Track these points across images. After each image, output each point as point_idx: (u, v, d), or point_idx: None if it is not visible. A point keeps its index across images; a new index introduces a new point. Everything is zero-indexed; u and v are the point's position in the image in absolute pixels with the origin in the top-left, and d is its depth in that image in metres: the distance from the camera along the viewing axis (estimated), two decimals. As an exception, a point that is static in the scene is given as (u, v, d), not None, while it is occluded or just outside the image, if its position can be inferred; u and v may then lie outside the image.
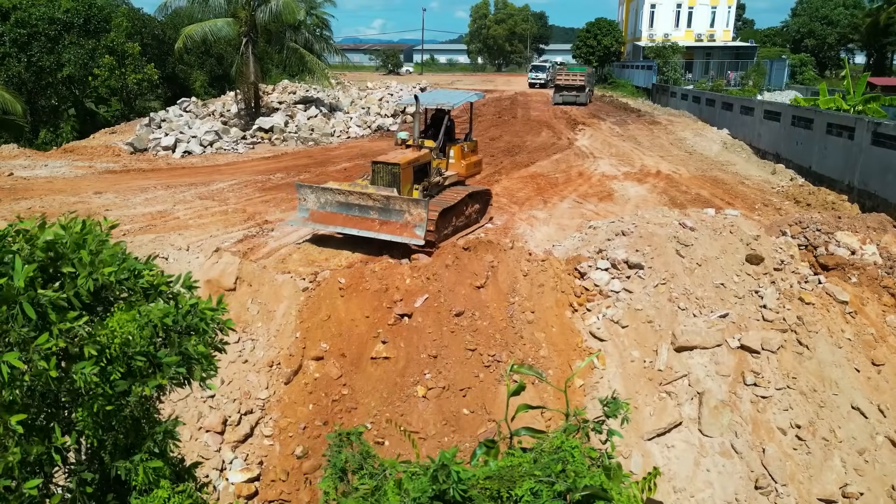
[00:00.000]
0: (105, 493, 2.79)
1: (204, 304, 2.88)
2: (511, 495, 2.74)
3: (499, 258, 9.71)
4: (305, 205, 11.32)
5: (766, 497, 7.16)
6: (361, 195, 10.90)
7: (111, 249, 2.53)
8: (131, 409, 2.54)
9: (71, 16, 28.96)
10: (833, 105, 23.35)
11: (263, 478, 7.25)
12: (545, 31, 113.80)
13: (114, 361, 2.45)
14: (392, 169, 11.22)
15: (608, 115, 35.40)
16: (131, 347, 2.45)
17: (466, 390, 8.12)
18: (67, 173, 18.14)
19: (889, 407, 7.94)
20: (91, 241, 2.45)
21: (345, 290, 9.33)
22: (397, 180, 11.19)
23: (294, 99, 31.27)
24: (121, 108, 31.03)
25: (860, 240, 10.20)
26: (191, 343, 2.69)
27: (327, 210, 11.17)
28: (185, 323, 2.72)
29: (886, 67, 56.05)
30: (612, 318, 8.92)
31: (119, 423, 2.57)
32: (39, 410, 2.55)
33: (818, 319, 8.63)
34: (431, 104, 12.85)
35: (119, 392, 2.45)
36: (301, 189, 11.42)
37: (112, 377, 2.43)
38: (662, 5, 56.50)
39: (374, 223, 10.79)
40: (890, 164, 15.29)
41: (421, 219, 10.41)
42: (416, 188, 11.54)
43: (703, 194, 16.71)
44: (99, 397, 2.41)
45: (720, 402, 7.86)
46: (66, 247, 2.48)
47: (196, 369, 2.72)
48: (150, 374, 2.56)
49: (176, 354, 2.62)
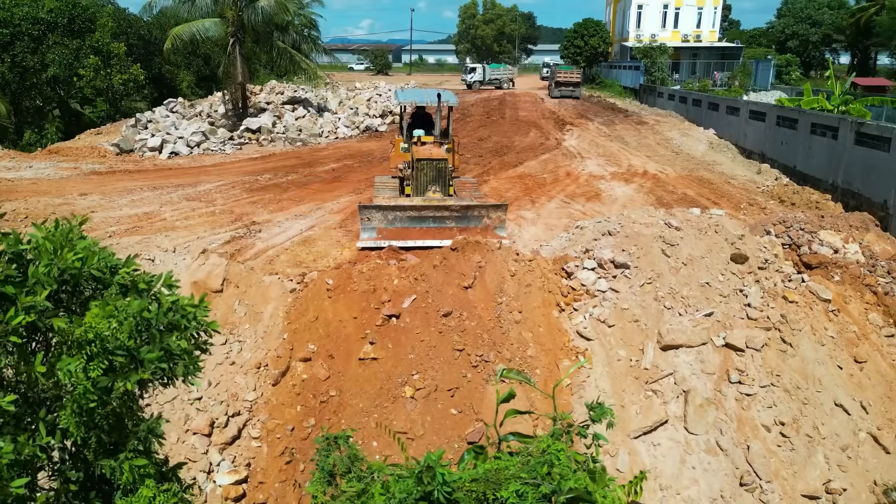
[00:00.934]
0: (89, 492, 2.79)
1: (185, 300, 2.89)
2: (497, 497, 2.77)
3: (486, 258, 9.74)
4: (370, 224, 11.14)
5: (750, 494, 7.24)
6: (438, 208, 11.20)
7: (83, 243, 2.54)
8: (114, 405, 2.55)
9: (55, 15, 28.70)
10: (816, 105, 23.60)
11: (251, 480, 7.23)
12: (533, 32, 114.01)
13: (94, 357, 2.46)
14: (438, 164, 11.74)
15: (596, 115, 35.56)
16: (111, 343, 2.46)
17: (454, 390, 8.14)
18: (52, 175, 17.97)
19: (871, 403, 8.06)
20: (59, 237, 2.46)
21: (332, 291, 9.32)
22: (443, 175, 11.76)
23: (282, 99, 31.16)
24: (106, 109, 30.79)
25: (843, 239, 10.34)
26: (172, 339, 2.69)
27: (398, 226, 11.17)
28: (167, 320, 2.73)
29: (870, 68, 56.70)
30: (598, 317, 8.98)
31: (103, 421, 2.57)
32: (22, 409, 2.55)
33: (802, 317, 8.74)
34: (444, 101, 12.96)
35: (101, 388, 2.46)
36: (365, 210, 11.15)
37: (93, 373, 2.44)
38: (649, 6, 56.82)
39: (453, 231, 11.07)
40: (873, 164, 15.49)
41: (501, 221, 11.26)
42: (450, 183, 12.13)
43: (690, 194, 16.84)
44: (82, 395, 2.42)
45: (705, 399, 7.94)
46: (31, 248, 2.50)
47: (179, 365, 2.73)
48: (131, 370, 2.56)
49: (158, 350, 2.63)
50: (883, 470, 7.57)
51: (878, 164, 15.27)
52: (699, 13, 56.84)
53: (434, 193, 11.80)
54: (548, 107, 39.65)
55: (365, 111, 32.05)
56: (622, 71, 53.35)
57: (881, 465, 7.61)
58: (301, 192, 16.31)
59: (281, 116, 27.71)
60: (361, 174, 18.89)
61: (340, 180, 18.08)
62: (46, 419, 2.58)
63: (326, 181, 17.93)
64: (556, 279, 9.79)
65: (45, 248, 2.49)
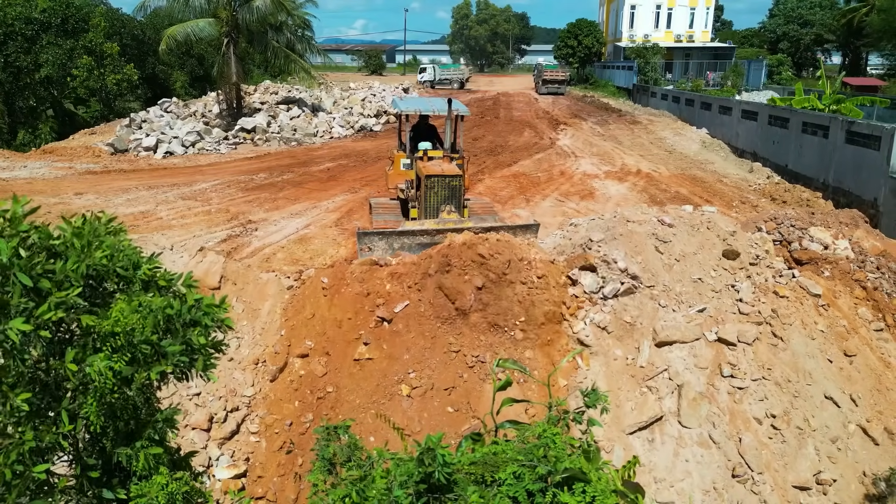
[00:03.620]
0: (110, 478, 2.87)
1: (208, 300, 2.99)
2: (495, 479, 2.86)
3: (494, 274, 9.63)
4: (371, 254, 9.40)
5: (742, 485, 7.36)
6: (456, 231, 9.23)
7: (109, 240, 2.62)
8: (132, 395, 2.63)
9: (48, 16, 28.63)
10: (808, 105, 23.82)
11: (250, 474, 7.30)
12: (527, 32, 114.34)
13: (118, 350, 2.53)
14: (451, 182, 10.12)
15: (589, 115, 35.73)
16: (136, 336, 2.54)
17: (451, 389, 8.21)
18: (47, 174, 17.97)
19: (861, 396, 8.19)
20: (87, 233, 2.54)
21: (328, 289, 9.38)
22: (457, 194, 10.11)
23: (276, 99, 31.18)
24: (100, 109, 30.73)
25: (833, 235, 10.48)
26: (194, 334, 2.78)
27: (406, 253, 9.44)
28: (189, 316, 2.82)
29: (861, 68, 57.12)
30: (598, 323, 8.99)
31: (122, 411, 2.65)
32: (44, 399, 2.63)
33: (792, 312, 8.86)
34: (455, 110, 11.21)
35: (122, 379, 2.54)
36: (365, 238, 9.29)
37: (116, 366, 2.51)
38: (642, 6, 57.10)
39: None
40: (863, 162, 15.68)
41: (530, 243, 9.52)
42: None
43: (683, 192, 16.99)
44: (104, 386, 2.50)
45: (698, 394, 8.05)
46: (60, 243, 2.56)
47: (199, 359, 2.82)
48: (154, 362, 2.65)
49: (180, 344, 2.72)
50: (872, 461, 7.71)
51: (868, 162, 15.46)
52: (692, 14, 57.16)
53: (449, 214, 9.95)
54: (542, 106, 39.80)
55: (360, 111, 32.10)
56: (616, 71, 53.58)
57: (870, 457, 7.74)
58: (296, 191, 16.37)
59: (276, 116, 27.74)
60: (357, 173, 18.96)
61: (335, 179, 18.15)
62: (69, 408, 2.65)
63: (322, 180, 18.00)
64: (564, 292, 9.52)
65: (74, 245, 2.55)
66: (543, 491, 2.72)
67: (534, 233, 9.74)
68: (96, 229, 2.57)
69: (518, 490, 2.73)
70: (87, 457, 2.68)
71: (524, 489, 2.73)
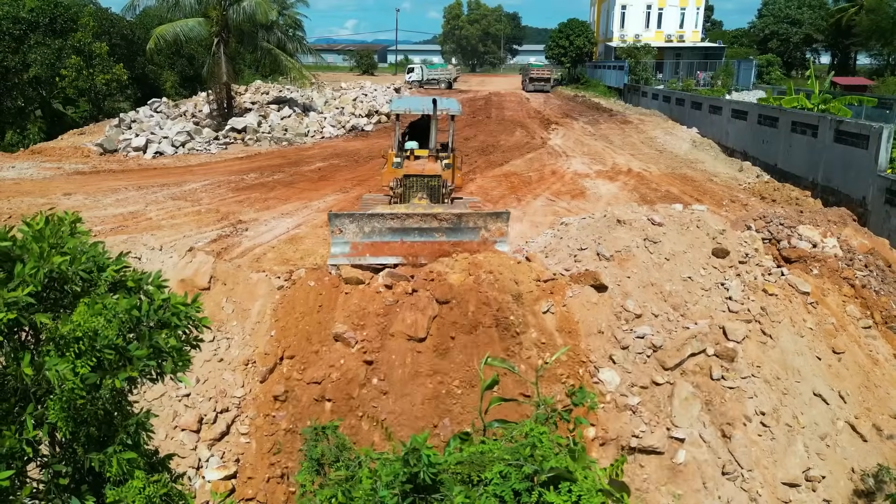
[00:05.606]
0: (79, 485, 2.83)
1: (177, 299, 2.93)
2: (482, 479, 2.85)
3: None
4: (343, 237, 9.27)
5: (732, 482, 7.39)
6: (424, 217, 9.24)
7: (72, 242, 2.56)
8: (103, 402, 2.57)
9: (36, 15, 28.41)
10: (797, 104, 23.96)
11: (240, 475, 7.26)
12: (518, 32, 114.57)
13: (83, 355, 2.48)
14: (430, 181, 10.21)
15: (581, 114, 35.81)
16: (100, 341, 2.48)
17: (434, 399, 8.15)
18: (35, 175, 17.83)
19: (849, 393, 8.24)
20: (49, 235, 2.49)
21: (313, 291, 9.32)
22: (435, 193, 10.19)
23: (267, 99, 31.07)
24: (89, 109, 30.53)
25: (821, 233, 10.54)
26: (161, 336, 2.73)
27: (375, 239, 9.28)
28: (157, 317, 2.76)
29: (850, 67, 57.53)
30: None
31: (91, 416, 2.60)
32: (10, 404, 2.57)
33: (781, 310, 8.90)
34: (442, 109, 11.24)
35: (90, 385, 2.48)
36: (336, 219, 9.27)
37: (81, 370, 2.45)
38: (633, 6, 57.31)
39: (444, 245, 9.29)
40: (851, 161, 15.78)
41: (502, 233, 9.35)
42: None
43: (673, 191, 17.05)
44: (70, 391, 2.45)
45: (690, 393, 8.07)
46: (18, 246, 2.49)
47: (167, 362, 2.76)
48: (120, 367, 2.59)
49: (147, 348, 2.66)
50: (860, 457, 7.75)
51: (856, 161, 15.56)
52: (682, 14, 57.43)
53: (420, 200, 10.15)
54: (533, 106, 39.87)
55: (351, 111, 32.03)
56: (607, 71, 53.75)
57: (859, 453, 7.79)
58: (287, 191, 16.31)
59: (266, 116, 27.64)
60: (348, 173, 18.92)
61: (326, 179, 18.10)
62: (34, 413, 2.60)
63: (313, 180, 17.94)
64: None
65: (33, 250, 2.49)
66: (530, 490, 2.72)
67: (504, 221, 9.45)
68: (58, 231, 2.51)
69: (504, 489, 2.73)
70: (57, 463, 2.63)
71: (510, 488, 2.73)
